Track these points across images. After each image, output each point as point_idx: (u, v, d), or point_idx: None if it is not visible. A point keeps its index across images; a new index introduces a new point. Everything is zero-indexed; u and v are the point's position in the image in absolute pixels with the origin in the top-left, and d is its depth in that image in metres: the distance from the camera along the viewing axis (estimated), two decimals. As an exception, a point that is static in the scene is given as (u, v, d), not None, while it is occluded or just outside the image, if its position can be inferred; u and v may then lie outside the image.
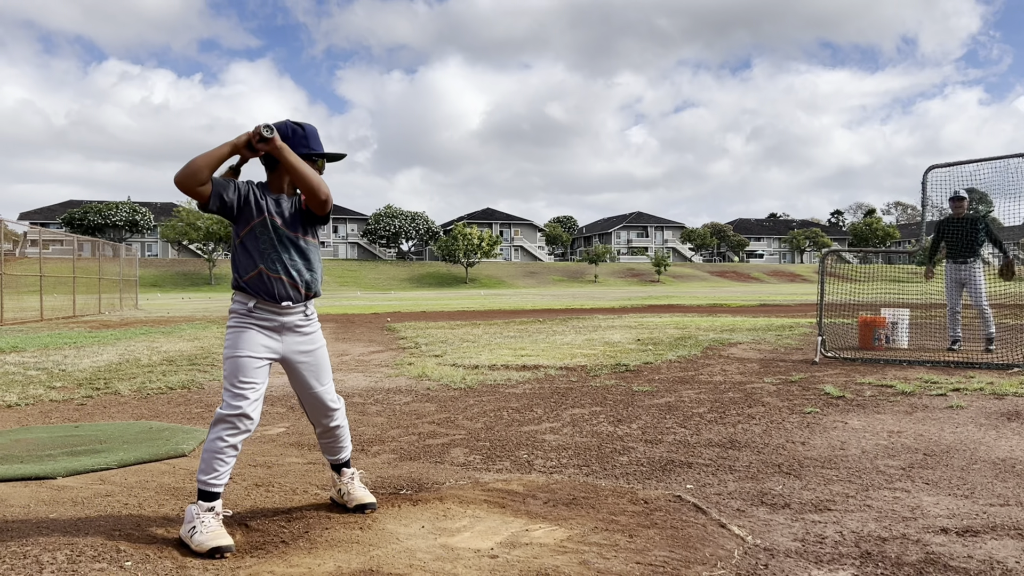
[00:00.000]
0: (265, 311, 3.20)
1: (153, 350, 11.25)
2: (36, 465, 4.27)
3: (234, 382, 3.12)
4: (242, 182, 3.20)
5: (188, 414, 6.14)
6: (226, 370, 3.16)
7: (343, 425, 3.53)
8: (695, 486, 3.86)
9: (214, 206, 3.07)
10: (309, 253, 3.29)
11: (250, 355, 3.15)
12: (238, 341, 3.17)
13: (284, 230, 3.21)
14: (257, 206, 3.17)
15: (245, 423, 3.11)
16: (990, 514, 3.34)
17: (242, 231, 3.19)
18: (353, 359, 10.06)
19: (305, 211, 3.24)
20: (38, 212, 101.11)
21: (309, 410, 3.47)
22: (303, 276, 3.25)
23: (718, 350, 10.31)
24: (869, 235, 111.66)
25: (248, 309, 3.19)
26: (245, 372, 3.13)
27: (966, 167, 9.20)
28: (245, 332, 3.18)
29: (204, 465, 3.11)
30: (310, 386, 3.37)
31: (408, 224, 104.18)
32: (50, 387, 7.53)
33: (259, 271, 3.17)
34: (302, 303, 3.28)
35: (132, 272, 32.92)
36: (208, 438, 3.13)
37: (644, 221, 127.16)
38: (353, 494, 3.49)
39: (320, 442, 3.55)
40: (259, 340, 3.19)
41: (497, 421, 5.65)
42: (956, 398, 6.26)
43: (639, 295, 44.59)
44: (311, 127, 3.28)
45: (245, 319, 3.20)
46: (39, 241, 24.07)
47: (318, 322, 3.43)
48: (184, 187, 2.98)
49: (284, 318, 3.24)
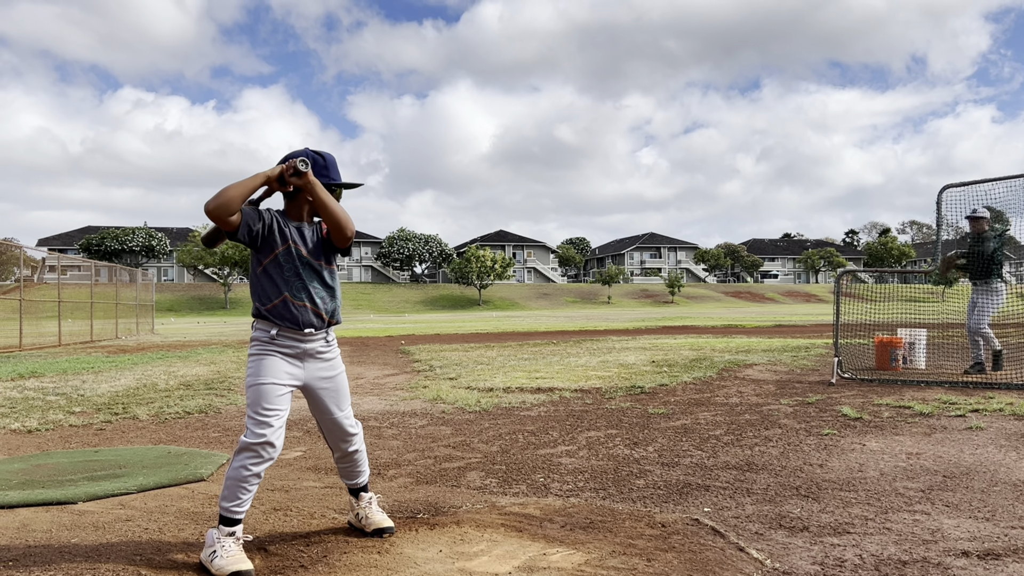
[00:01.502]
0: (288, 338, 3.23)
1: (170, 375, 11.32)
2: (57, 490, 4.30)
3: (258, 410, 3.13)
4: (264, 210, 3.23)
5: (206, 438, 6.17)
6: (249, 398, 3.17)
7: (361, 450, 3.54)
8: (713, 509, 3.85)
9: (243, 235, 3.12)
10: (332, 281, 3.34)
11: (274, 382, 3.17)
12: (261, 368, 3.18)
13: (308, 258, 3.25)
14: (281, 234, 3.21)
15: (269, 451, 3.11)
16: (1012, 537, 3.31)
17: (265, 259, 3.22)
18: (368, 382, 10.09)
19: (326, 240, 3.29)
20: (56, 238, 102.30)
21: (328, 435, 3.48)
22: (327, 304, 3.30)
23: (734, 372, 10.27)
24: (884, 254, 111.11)
25: (271, 336, 3.21)
26: (269, 399, 3.14)
27: (981, 186, 9.18)
28: (268, 359, 3.20)
29: (227, 492, 3.12)
30: (330, 411, 3.39)
31: (421, 247, 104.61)
32: (69, 412, 7.60)
33: (284, 299, 3.20)
34: (324, 330, 3.31)
35: (148, 297, 33.20)
36: (232, 465, 3.13)
37: (657, 242, 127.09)
38: (371, 518, 3.50)
39: (338, 466, 3.57)
40: (282, 367, 3.20)
41: (513, 444, 5.66)
42: (975, 419, 6.21)
43: (653, 316, 44.48)
44: (331, 156, 3.33)
45: (268, 346, 3.22)
46: (57, 267, 24.35)
47: (338, 348, 3.46)
48: (215, 216, 3.02)
49: (306, 345, 3.26)
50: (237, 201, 3.02)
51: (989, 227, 9.41)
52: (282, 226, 3.23)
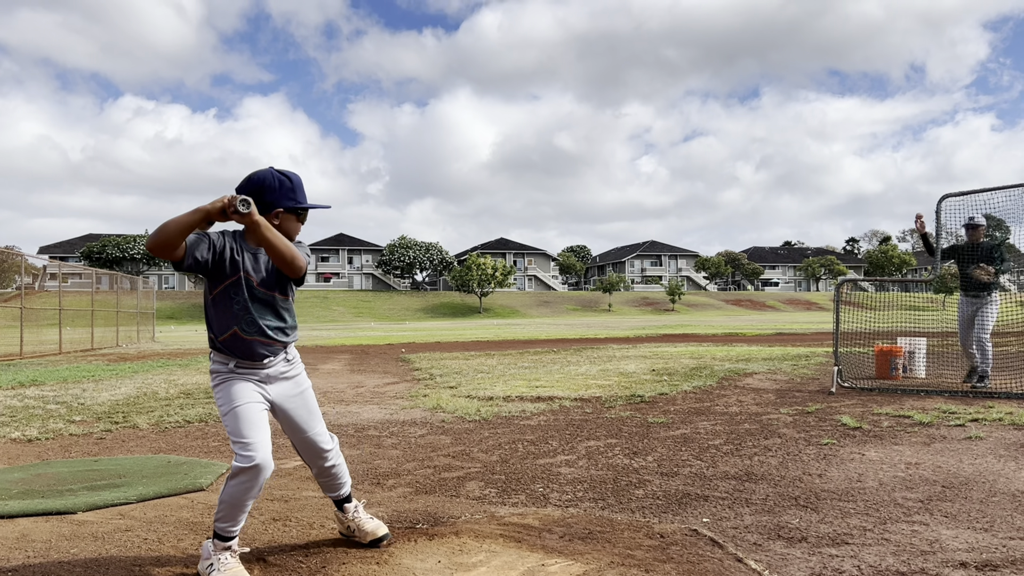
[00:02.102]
0: (247, 368, 3.17)
1: (170, 383, 11.33)
2: (57, 500, 4.31)
3: (240, 435, 3.03)
4: (216, 234, 3.09)
5: (206, 447, 6.18)
6: (228, 426, 3.08)
7: (339, 463, 3.47)
8: (711, 519, 3.85)
9: (189, 265, 2.98)
10: (284, 313, 3.24)
11: (247, 402, 3.09)
12: (230, 394, 3.11)
13: (260, 290, 3.14)
14: (232, 263, 3.09)
15: (261, 473, 3.01)
16: (1010, 548, 3.31)
17: (215, 289, 3.11)
18: (368, 391, 10.10)
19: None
20: (57, 246, 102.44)
21: (304, 453, 3.40)
22: (280, 335, 3.21)
23: (734, 380, 10.27)
24: (885, 263, 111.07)
25: (230, 369, 3.15)
26: (247, 421, 3.05)
27: (980, 195, 9.19)
28: (235, 384, 3.12)
29: (224, 513, 3.05)
30: (302, 429, 3.32)
31: (422, 255, 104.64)
32: (70, 421, 7.61)
33: (233, 333, 3.12)
34: (282, 352, 3.26)
35: (149, 305, 33.22)
36: (227, 490, 3.04)
37: (658, 250, 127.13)
38: (364, 528, 3.47)
39: (319, 481, 3.52)
40: (250, 388, 3.13)
41: (512, 454, 5.66)
42: (975, 429, 6.21)
43: (654, 324, 44.47)
44: (297, 178, 3.20)
45: (229, 375, 3.15)
46: (58, 275, 24.40)
47: (300, 363, 3.39)
48: (156, 253, 2.91)
49: (267, 370, 3.21)
50: (176, 237, 2.86)
51: (988, 236, 9.34)
52: (235, 253, 3.10)
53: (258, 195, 3.05)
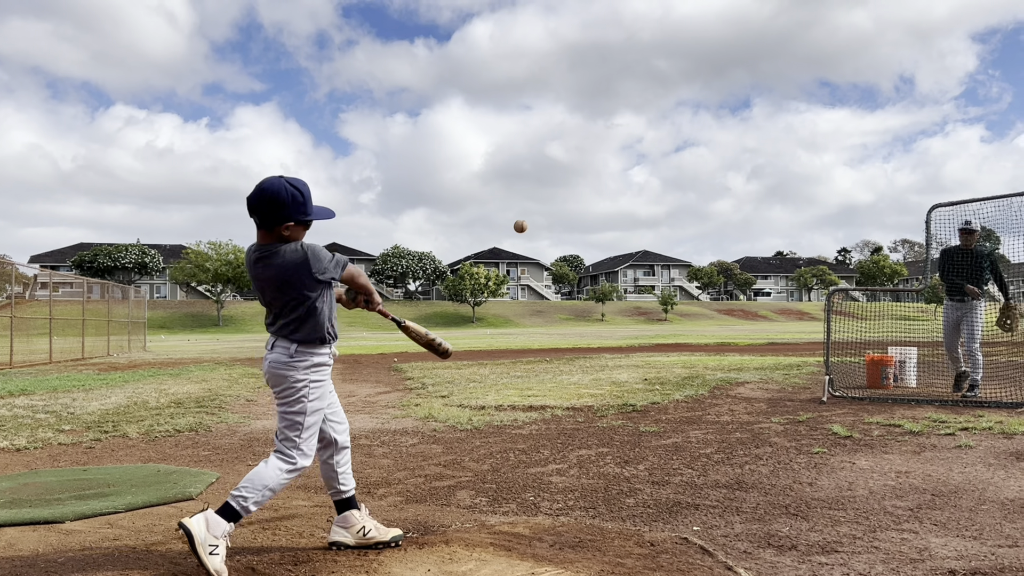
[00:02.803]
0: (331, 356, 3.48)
1: (161, 392, 11.28)
2: (45, 509, 4.28)
3: (310, 436, 3.35)
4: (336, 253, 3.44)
5: (196, 457, 6.15)
6: (309, 420, 3.33)
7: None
8: (702, 528, 3.86)
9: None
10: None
11: (325, 407, 3.43)
12: (324, 396, 3.40)
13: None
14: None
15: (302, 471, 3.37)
16: (999, 556, 3.32)
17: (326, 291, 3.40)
18: (360, 400, 10.07)
19: None
20: (49, 255, 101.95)
21: (339, 430, 3.58)
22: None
23: (725, 390, 10.28)
24: (876, 273, 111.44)
25: (332, 358, 3.45)
26: (319, 425, 3.40)
27: (970, 205, 9.24)
28: (328, 385, 3.42)
29: (257, 496, 3.22)
30: (336, 403, 3.60)
31: (415, 264, 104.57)
32: (59, 430, 7.56)
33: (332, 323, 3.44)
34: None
35: (141, 314, 33.08)
36: (273, 474, 3.26)
37: (650, 260, 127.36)
38: (381, 527, 3.60)
39: (338, 471, 3.57)
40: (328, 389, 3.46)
41: (503, 463, 5.65)
42: (964, 437, 6.23)
43: (646, 334, 44.52)
44: (306, 188, 3.32)
45: (328, 371, 3.42)
46: (49, 284, 24.30)
47: None
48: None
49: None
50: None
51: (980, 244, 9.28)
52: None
53: (273, 211, 3.21)
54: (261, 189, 3.23)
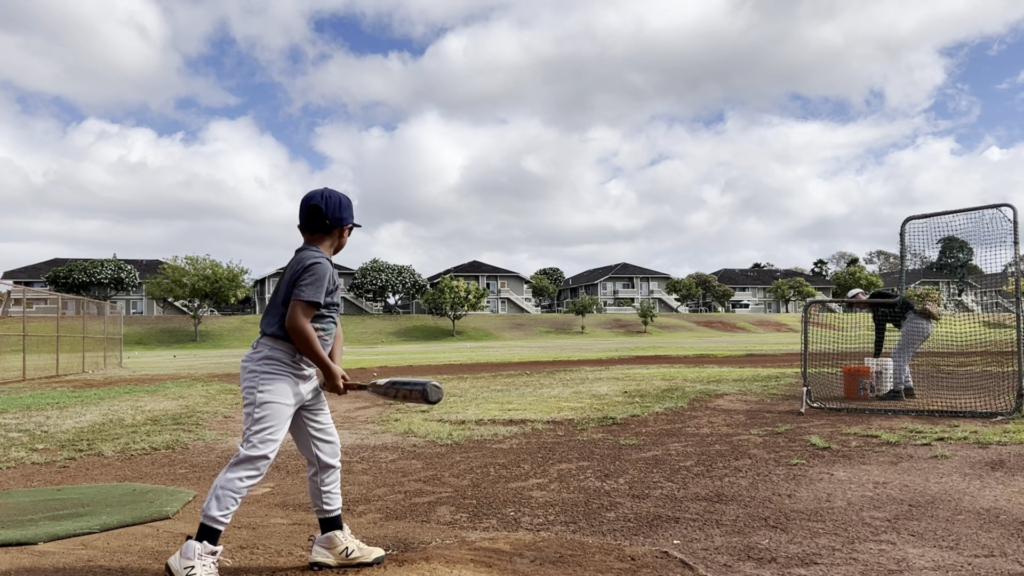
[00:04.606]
0: (304, 363, 3.42)
1: (137, 409, 11.15)
2: (17, 530, 4.21)
3: (268, 427, 3.26)
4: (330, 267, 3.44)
5: (172, 475, 6.08)
6: (260, 412, 3.26)
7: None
8: (682, 541, 3.86)
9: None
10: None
11: (286, 403, 3.32)
12: (278, 388, 3.31)
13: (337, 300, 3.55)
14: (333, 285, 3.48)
15: (265, 467, 3.27)
16: (975, 565, 3.35)
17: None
18: (339, 415, 10.00)
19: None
20: (23, 271, 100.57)
21: (325, 450, 3.53)
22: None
23: (705, 402, 10.32)
24: (853, 284, 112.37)
25: (293, 360, 3.35)
26: (280, 419, 3.29)
27: (942, 218, 9.39)
28: (285, 380, 3.33)
29: (217, 503, 3.17)
30: (326, 423, 3.55)
31: (395, 278, 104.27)
32: (32, 449, 7.45)
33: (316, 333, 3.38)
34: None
35: (117, 330, 32.69)
36: (225, 476, 3.20)
37: (629, 272, 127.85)
38: (365, 548, 3.54)
39: (323, 490, 3.53)
40: (292, 389, 3.35)
41: (484, 478, 5.63)
42: (941, 448, 6.29)
43: (626, 346, 44.62)
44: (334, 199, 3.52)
45: (286, 367, 3.34)
46: (23, 300, 23.96)
47: None
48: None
49: (312, 369, 3.47)
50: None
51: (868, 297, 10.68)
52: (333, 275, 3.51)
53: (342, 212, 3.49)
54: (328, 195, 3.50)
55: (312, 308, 3.29)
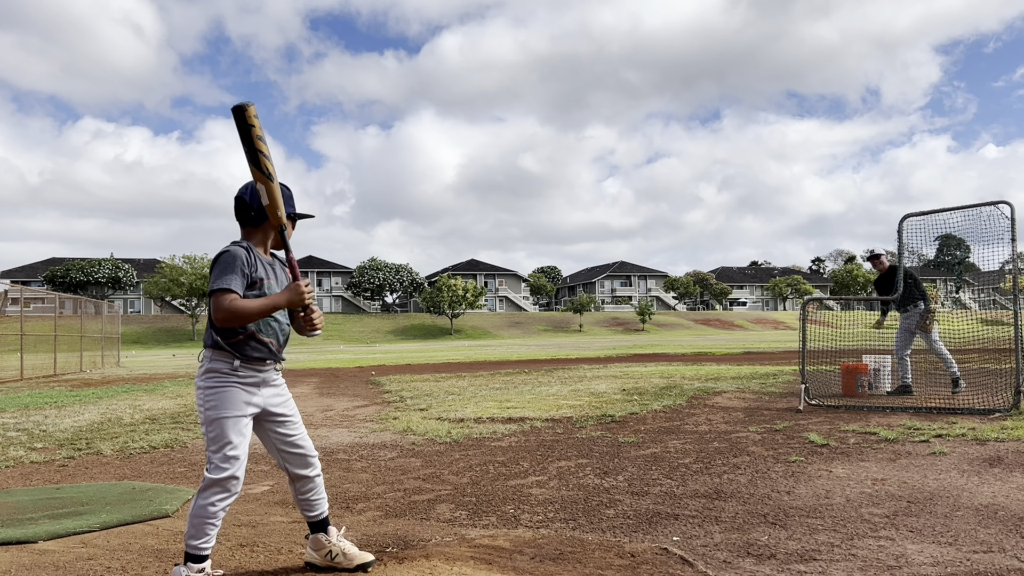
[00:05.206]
0: (249, 369, 3.21)
1: (135, 408, 11.14)
2: (17, 529, 4.21)
3: (223, 444, 3.11)
4: (242, 251, 3.18)
5: (171, 473, 6.08)
6: (212, 432, 3.13)
7: (321, 476, 3.50)
8: (681, 538, 3.87)
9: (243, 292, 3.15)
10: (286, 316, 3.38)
11: (238, 414, 3.15)
12: (223, 400, 3.15)
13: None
14: (259, 273, 3.21)
15: (235, 485, 3.12)
16: (973, 561, 3.36)
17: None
18: (337, 414, 10.01)
19: (289, 276, 3.31)
20: (20, 270, 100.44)
21: (291, 463, 3.38)
22: (286, 339, 3.36)
23: (703, 399, 10.34)
24: (850, 282, 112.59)
25: (233, 368, 3.18)
26: (234, 433, 3.13)
27: (940, 215, 9.40)
28: (229, 391, 3.16)
29: (194, 530, 3.08)
30: (291, 434, 3.36)
31: (392, 276, 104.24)
32: (31, 448, 7.44)
33: (250, 334, 3.19)
34: (280, 360, 3.37)
35: (114, 329, 32.67)
36: (197, 503, 3.10)
37: (627, 270, 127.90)
38: (350, 553, 3.44)
39: (300, 499, 3.46)
40: (242, 398, 3.18)
41: (483, 475, 5.64)
42: (939, 444, 6.31)
43: (624, 344, 44.65)
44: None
45: (229, 378, 3.17)
46: (20, 299, 23.92)
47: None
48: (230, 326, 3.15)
49: (263, 374, 3.27)
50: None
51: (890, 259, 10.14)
52: (264, 264, 3.25)
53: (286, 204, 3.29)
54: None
55: (226, 294, 3.05)
